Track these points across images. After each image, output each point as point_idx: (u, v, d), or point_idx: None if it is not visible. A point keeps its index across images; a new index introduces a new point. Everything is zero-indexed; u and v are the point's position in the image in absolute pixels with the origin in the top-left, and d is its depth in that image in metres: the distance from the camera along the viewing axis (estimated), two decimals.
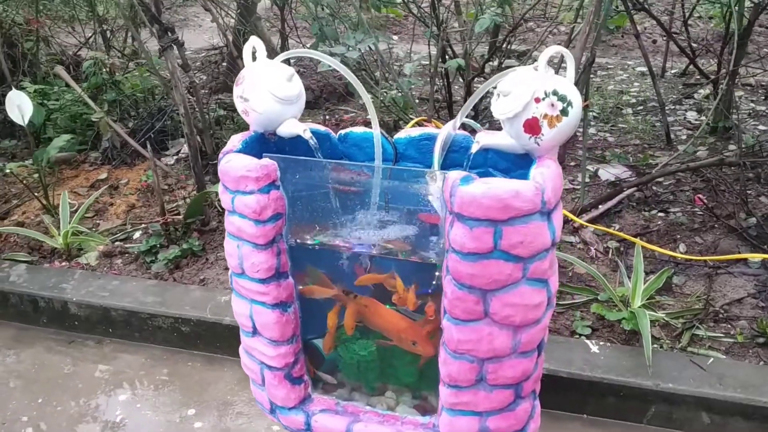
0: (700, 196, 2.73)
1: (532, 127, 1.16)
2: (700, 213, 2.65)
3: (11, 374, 2.15)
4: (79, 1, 4.11)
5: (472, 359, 1.19)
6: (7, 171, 2.83)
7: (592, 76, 4.83)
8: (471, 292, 1.14)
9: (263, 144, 1.36)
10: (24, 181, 2.93)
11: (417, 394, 1.39)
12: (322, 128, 1.39)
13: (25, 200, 2.97)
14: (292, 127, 1.33)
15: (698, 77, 4.34)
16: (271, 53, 4.40)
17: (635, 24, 3.20)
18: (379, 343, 1.34)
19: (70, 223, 2.58)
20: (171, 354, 2.21)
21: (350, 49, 2.14)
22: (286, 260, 1.28)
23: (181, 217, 2.59)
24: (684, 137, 3.53)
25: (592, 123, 3.76)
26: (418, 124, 2.47)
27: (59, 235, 2.56)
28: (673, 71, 4.61)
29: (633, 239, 2.21)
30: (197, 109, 2.87)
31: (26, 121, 2.62)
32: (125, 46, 4.42)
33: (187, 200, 2.82)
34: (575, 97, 1.16)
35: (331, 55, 2.10)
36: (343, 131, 1.41)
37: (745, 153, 2.81)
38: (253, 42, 1.36)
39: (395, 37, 6.09)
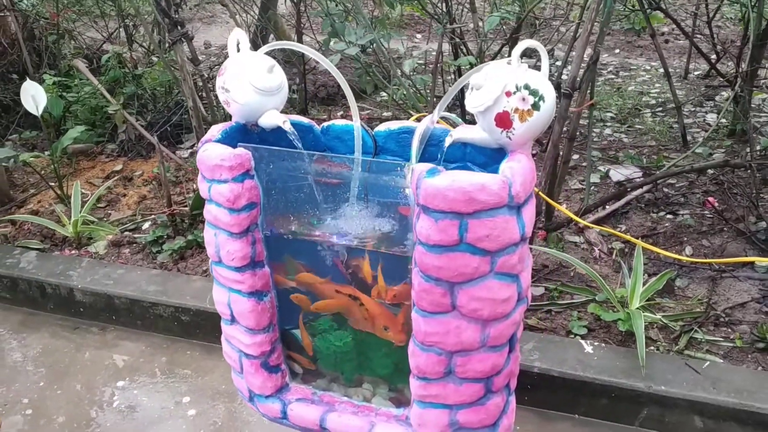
0: (711, 199, 2.69)
1: (503, 120, 1.16)
2: (709, 216, 2.61)
3: (16, 358, 2.21)
4: None
5: (440, 352, 1.19)
6: (23, 161, 2.90)
7: (613, 76, 4.79)
8: (438, 284, 1.14)
9: (245, 135, 1.37)
10: (41, 172, 3.00)
11: (392, 386, 1.39)
12: (305, 120, 1.40)
13: (41, 190, 3.04)
14: (272, 118, 1.35)
15: (721, 79, 4.27)
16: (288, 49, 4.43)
17: (651, 24, 3.16)
18: (355, 327, 1.35)
19: (80, 212, 2.64)
20: (171, 342, 2.25)
21: (350, 45, 2.15)
22: (262, 249, 1.29)
23: (188, 209, 2.63)
24: (701, 139, 3.47)
25: (608, 124, 3.72)
26: (419, 120, 2.47)
27: (69, 223, 2.62)
28: (696, 73, 4.54)
29: (634, 240, 2.18)
30: (207, 103, 2.91)
31: (40, 112, 2.68)
32: (146, 40, 4.49)
33: (194, 193, 2.87)
34: (548, 92, 1.15)
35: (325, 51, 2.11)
36: (325, 124, 1.42)
37: (759, 156, 2.75)
38: (237, 34, 1.38)
39: (419, 36, 6.10)
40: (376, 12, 4.02)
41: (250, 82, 1.31)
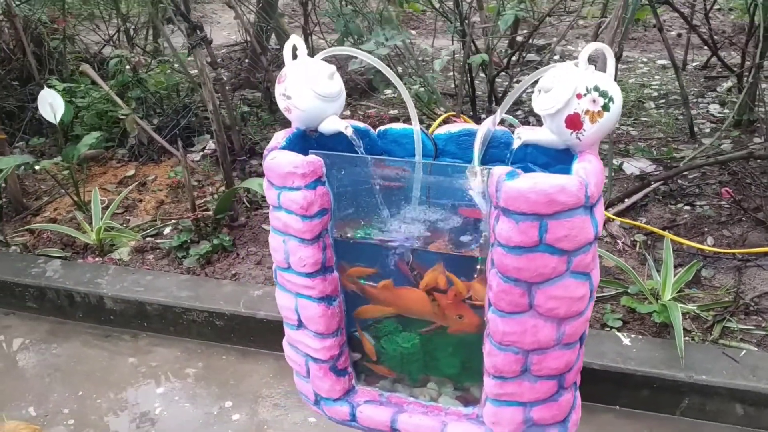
0: (727, 189, 2.73)
1: (574, 122, 1.17)
2: (727, 206, 2.65)
3: (50, 368, 2.20)
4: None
5: (517, 351, 1.21)
6: (39, 168, 2.87)
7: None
8: (516, 284, 1.16)
9: (305, 141, 1.38)
10: (56, 178, 2.97)
11: (458, 385, 1.41)
12: (361, 125, 1.41)
13: (55, 197, 3.02)
14: (334, 123, 1.35)
15: (720, 70, 4.33)
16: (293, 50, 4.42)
17: (658, 17, 3.20)
18: (424, 333, 1.36)
19: (102, 219, 2.63)
20: (205, 347, 2.25)
21: (380, 45, 2.16)
22: (332, 254, 1.30)
23: (210, 213, 2.63)
24: (708, 130, 3.53)
25: None
26: (446, 120, 2.49)
27: (92, 231, 2.60)
28: (694, 64, 4.60)
29: (662, 232, 2.22)
30: (225, 106, 2.90)
31: (58, 119, 2.66)
32: (147, 43, 4.46)
33: (215, 196, 2.86)
34: (616, 93, 1.17)
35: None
36: (382, 128, 1.44)
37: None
38: (294, 40, 1.38)
39: (413, 32, 6.11)
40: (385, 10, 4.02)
41: (312, 88, 1.32)
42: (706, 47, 4.22)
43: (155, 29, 4.18)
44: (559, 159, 1.29)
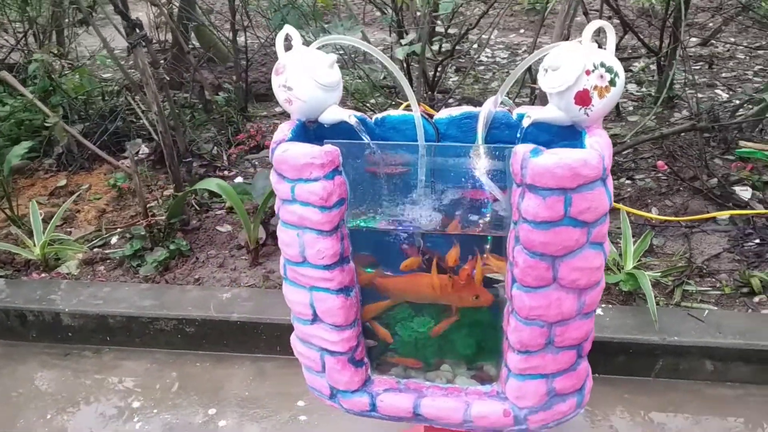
0: (661, 162, 2.89)
1: (583, 98, 1.21)
2: (665, 178, 2.81)
3: (10, 392, 2.06)
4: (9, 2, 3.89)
5: (542, 324, 1.24)
6: None
7: (528, 56, 4.99)
8: (542, 259, 1.18)
9: (305, 132, 1.36)
10: None
11: (472, 365, 1.43)
12: (357, 113, 1.40)
13: None
14: (337, 113, 1.34)
15: (631, 51, 4.56)
16: (220, 47, 4.31)
17: (584, 3, 3.33)
18: (439, 329, 1.38)
19: (44, 232, 2.48)
20: (176, 357, 2.17)
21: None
22: (348, 244, 1.29)
23: (160, 218, 2.53)
24: (631, 108, 3.71)
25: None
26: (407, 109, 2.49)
27: (36, 245, 2.45)
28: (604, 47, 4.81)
29: (618, 205, 2.32)
30: (168, 107, 2.80)
31: None
32: (51, 45, 4.23)
33: (161, 201, 2.76)
34: (620, 68, 1.22)
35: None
36: (379, 115, 1.43)
37: (698, 119, 2.98)
38: (288, 30, 1.36)
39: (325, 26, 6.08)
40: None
41: (313, 78, 1.30)
42: (629, 30, 4.45)
43: (59, 32, 3.96)
44: (561, 136, 1.32)
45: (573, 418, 1.38)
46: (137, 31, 2.41)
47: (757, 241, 2.39)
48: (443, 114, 1.40)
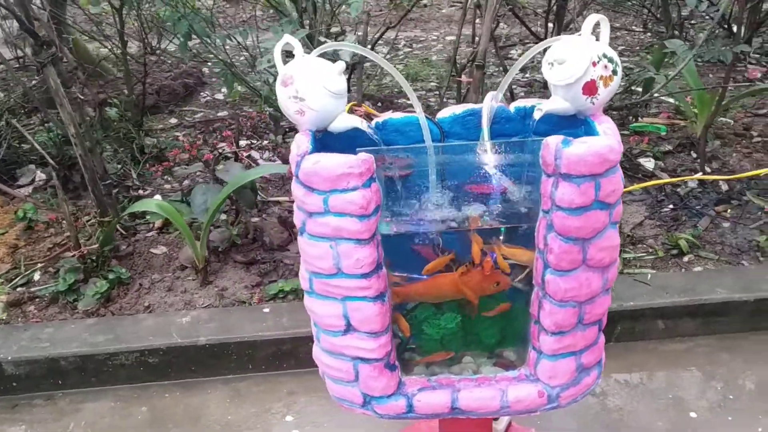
0: None
1: (591, 88, 1.29)
2: None
3: None
4: None
5: (575, 304, 1.31)
6: None
7: (410, 49, 5.11)
8: (575, 243, 1.25)
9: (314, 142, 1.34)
10: None
11: (492, 353, 1.47)
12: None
13: None
14: (348, 120, 1.33)
15: (506, 39, 4.81)
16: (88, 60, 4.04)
17: None
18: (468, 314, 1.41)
19: None
20: (141, 390, 2.05)
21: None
22: (382, 250, 1.29)
23: (92, 247, 2.36)
24: (522, 94, 3.92)
25: (435, 92, 4.02)
26: (350, 110, 2.48)
27: None
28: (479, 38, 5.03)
29: None
30: (84, 128, 2.61)
31: None
32: None
33: (82, 229, 2.58)
34: (617, 58, 1.31)
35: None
36: (380, 119, 1.43)
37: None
38: (287, 39, 1.33)
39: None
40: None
41: (325, 86, 1.28)
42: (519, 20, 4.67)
43: None
44: (560, 126, 1.39)
45: (594, 388, 1.46)
46: (45, 48, 2.23)
47: (671, 206, 2.62)
48: (446, 113, 1.43)
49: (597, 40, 1.32)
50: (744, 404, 1.93)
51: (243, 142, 2.93)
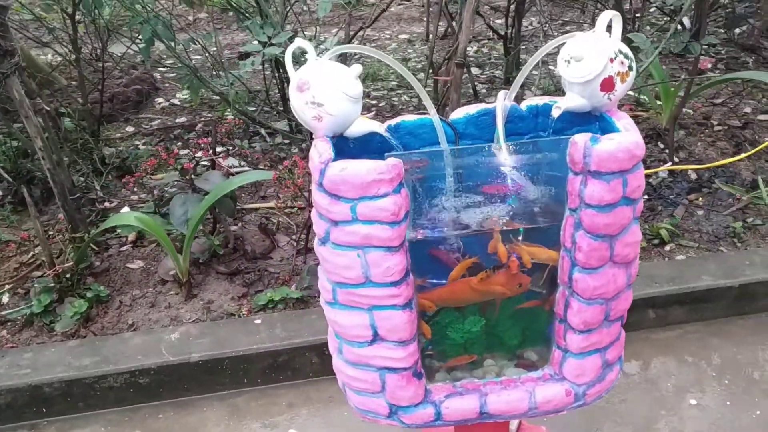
0: None
1: (608, 84, 1.28)
2: None
3: None
4: None
5: (603, 301, 1.30)
6: None
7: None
8: (603, 240, 1.24)
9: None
10: None
11: (512, 355, 1.46)
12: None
13: None
14: (365, 125, 1.29)
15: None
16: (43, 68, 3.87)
17: None
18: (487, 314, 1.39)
19: None
20: (132, 413, 1.96)
21: (268, 45, 2.04)
22: (409, 257, 1.26)
23: (67, 265, 2.25)
24: (484, 90, 3.94)
25: (399, 91, 4.00)
26: None
27: None
28: (432, 36, 5.04)
29: None
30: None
31: None
32: None
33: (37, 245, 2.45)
34: (631, 54, 1.31)
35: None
36: (392, 122, 1.40)
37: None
38: (300, 43, 1.29)
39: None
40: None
41: (343, 91, 1.24)
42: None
43: None
44: (573, 122, 1.39)
45: (616, 383, 1.47)
46: (8, 59, 2.11)
47: (645, 196, 2.67)
48: (460, 113, 1.41)
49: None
50: (740, 388, 1.98)
51: (218, 149, 2.85)
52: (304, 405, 1.97)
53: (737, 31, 4.29)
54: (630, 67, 1.30)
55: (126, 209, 2.72)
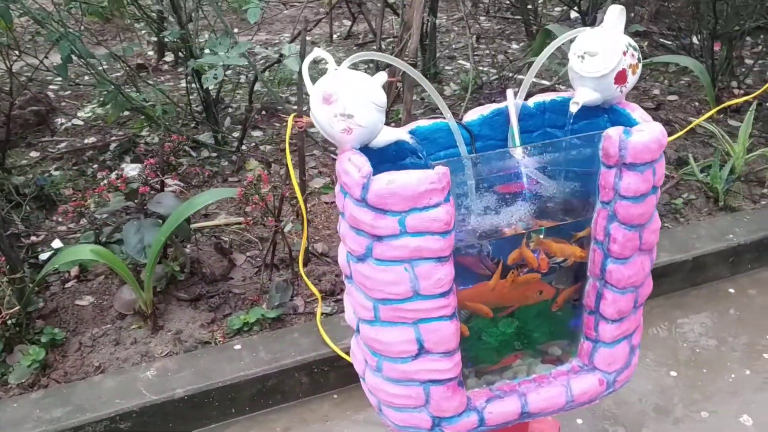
0: None
1: (622, 77, 1.31)
2: None
3: None
4: None
5: (633, 289, 1.33)
6: None
7: (267, 53, 4.94)
8: (636, 230, 1.27)
9: None
10: None
11: (537, 351, 1.46)
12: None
13: None
14: (391, 133, 1.26)
15: (371, 36, 4.79)
16: None
17: None
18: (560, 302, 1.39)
19: None
20: None
21: (228, 57, 1.92)
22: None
23: (12, 311, 2.04)
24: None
25: None
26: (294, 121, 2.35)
27: None
28: (336, 35, 5.00)
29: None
30: None
31: None
32: None
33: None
34: (637, 46, 1.35)
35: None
36: (408, 127, 1.37)
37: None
38: (318, 53, 1.23)
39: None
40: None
41: (372, 101, 1.19)
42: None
43: None
44: (579, 117, 1.41)
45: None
46: None
47: None
48: (474, 115, 1.39)
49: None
50: (711, 355, 2.10)
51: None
52: (301, 427, 1.90)
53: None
54: (639, 59, 1.33)
55: (57, 242, 2.51)
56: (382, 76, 1.23)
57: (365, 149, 1.25)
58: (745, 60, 3.88)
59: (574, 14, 4.43)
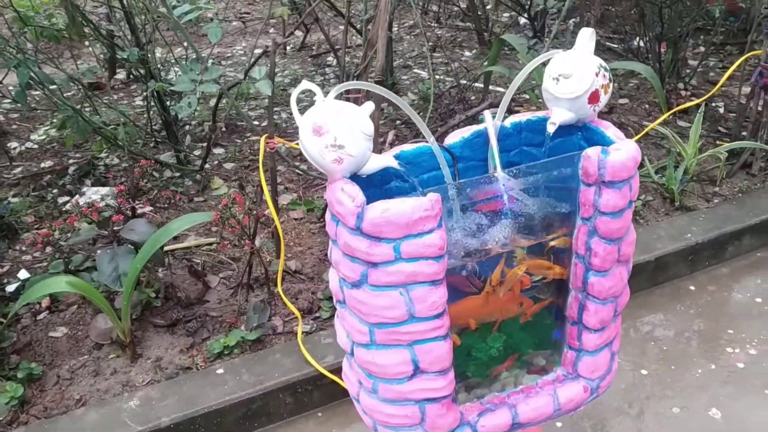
0: None
1: (595, 97, 1.37)
2: None
3: None
4: None
5: (613, 299, 1.39)
6: None
7: (221, 67, 4.91)
8: (614, 243, 1.33)
9: None
10: None
11: (523, 362, 1.51)
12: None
13: None
14: (379, 161, 1.29)
15: (327, 48, 4.81)
16: None
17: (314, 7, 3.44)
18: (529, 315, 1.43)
19: None
20: None
21: (200, 83, 1.92)
22: None
23: None
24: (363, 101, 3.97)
25: (278, 109, 3.93)
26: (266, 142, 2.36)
27: None
28: (289, 47, 5.00)
29: None
30: None
31: None
32: None
33: None
34: (608, 66, 1.41)
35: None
36: (392, 151, 1.40)
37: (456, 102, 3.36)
38: (307, 85, 1.25)
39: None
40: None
41: (362, 130, 1.23)
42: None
43: None
44: (555, 135, 1.46)
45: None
46: None
47: None
48: (456, 137, 1.44)
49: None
50: (680, 351, 2.19)
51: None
52: None
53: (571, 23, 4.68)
54: (610, 79, 1.39)
55: (24, 272, 2.46)
56: (370, 106, 1.26)
57: (353, 176, 1.28)
58: (689, 61, 4.03)
59: (522, 20, 4.54)
